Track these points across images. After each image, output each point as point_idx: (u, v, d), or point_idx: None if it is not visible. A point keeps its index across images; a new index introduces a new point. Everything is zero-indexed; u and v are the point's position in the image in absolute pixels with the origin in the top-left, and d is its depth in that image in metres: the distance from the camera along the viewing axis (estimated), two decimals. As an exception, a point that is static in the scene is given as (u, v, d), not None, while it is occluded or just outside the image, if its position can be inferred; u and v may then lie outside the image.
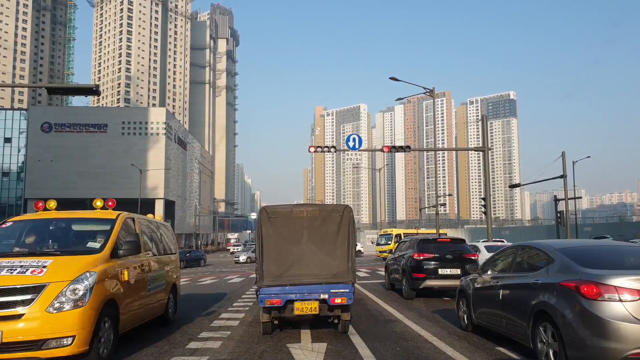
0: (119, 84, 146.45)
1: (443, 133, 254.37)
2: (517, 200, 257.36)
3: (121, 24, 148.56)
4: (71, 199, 75.93)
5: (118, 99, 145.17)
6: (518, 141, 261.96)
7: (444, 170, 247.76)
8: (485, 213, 23.80)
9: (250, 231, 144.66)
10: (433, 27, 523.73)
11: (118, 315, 6.20)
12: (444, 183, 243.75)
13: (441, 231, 36.64)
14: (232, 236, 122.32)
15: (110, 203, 7.64)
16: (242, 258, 39.38)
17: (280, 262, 7.29)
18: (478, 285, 7.35)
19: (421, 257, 12.06)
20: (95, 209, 7.54)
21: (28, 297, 5.28)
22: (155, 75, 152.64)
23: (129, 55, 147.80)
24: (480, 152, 23.80)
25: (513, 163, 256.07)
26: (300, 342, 6.98)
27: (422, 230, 45.33)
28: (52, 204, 7.25)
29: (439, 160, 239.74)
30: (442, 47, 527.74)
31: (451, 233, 62.04)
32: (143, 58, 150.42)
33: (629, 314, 4.54)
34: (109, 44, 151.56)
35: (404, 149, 24.05)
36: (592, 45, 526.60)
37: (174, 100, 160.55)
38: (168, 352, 6.59)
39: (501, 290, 6.40)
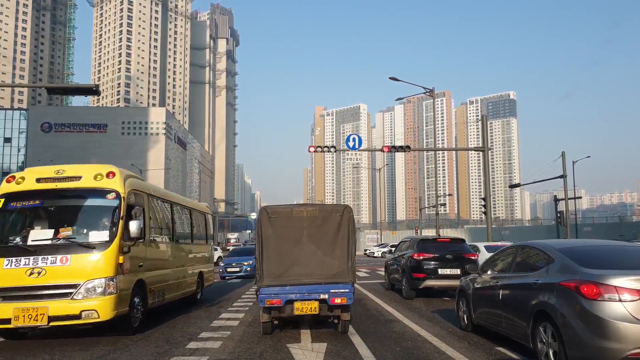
0: (119, 84, 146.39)
1: (443, 133, 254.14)
2: (517, 200, 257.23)
3: (121, 24, 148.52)
4: (71, 199, 76.21)
5: (118, 99, 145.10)
6: (518, 141, 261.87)
7: (444, 170, 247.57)
8: (485, 213, 23.80)
9: (250, 231, 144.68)
10: (433, 27, 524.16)
11: None
12: (444, 183, 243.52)
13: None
14: (232, 236, 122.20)
15: None
16: None
17: (280, 262, 7.28)
18: (478, 285, 7.34)
19: (421, 257, 12.04)
20: None
21: None
22: (155, 75, 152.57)
23: (128, 55, 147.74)
24: (480, 152, 23.79)
25: (513, 163, 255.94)
26: (300, 342, 6.97)
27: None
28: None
29: (439, 160, 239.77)
30: (442, 47, 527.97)
31: (451, 233, 62.03)
32: (143, 58, 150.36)
33: (628, 314, 4.53)
34: (108, 44, 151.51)
35: (404, 149, 24.05)
36: (592, 45, 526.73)
37: (174, 100, 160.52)
38: (168, 352, 6.58)
39: (501, 290, 6.39)
